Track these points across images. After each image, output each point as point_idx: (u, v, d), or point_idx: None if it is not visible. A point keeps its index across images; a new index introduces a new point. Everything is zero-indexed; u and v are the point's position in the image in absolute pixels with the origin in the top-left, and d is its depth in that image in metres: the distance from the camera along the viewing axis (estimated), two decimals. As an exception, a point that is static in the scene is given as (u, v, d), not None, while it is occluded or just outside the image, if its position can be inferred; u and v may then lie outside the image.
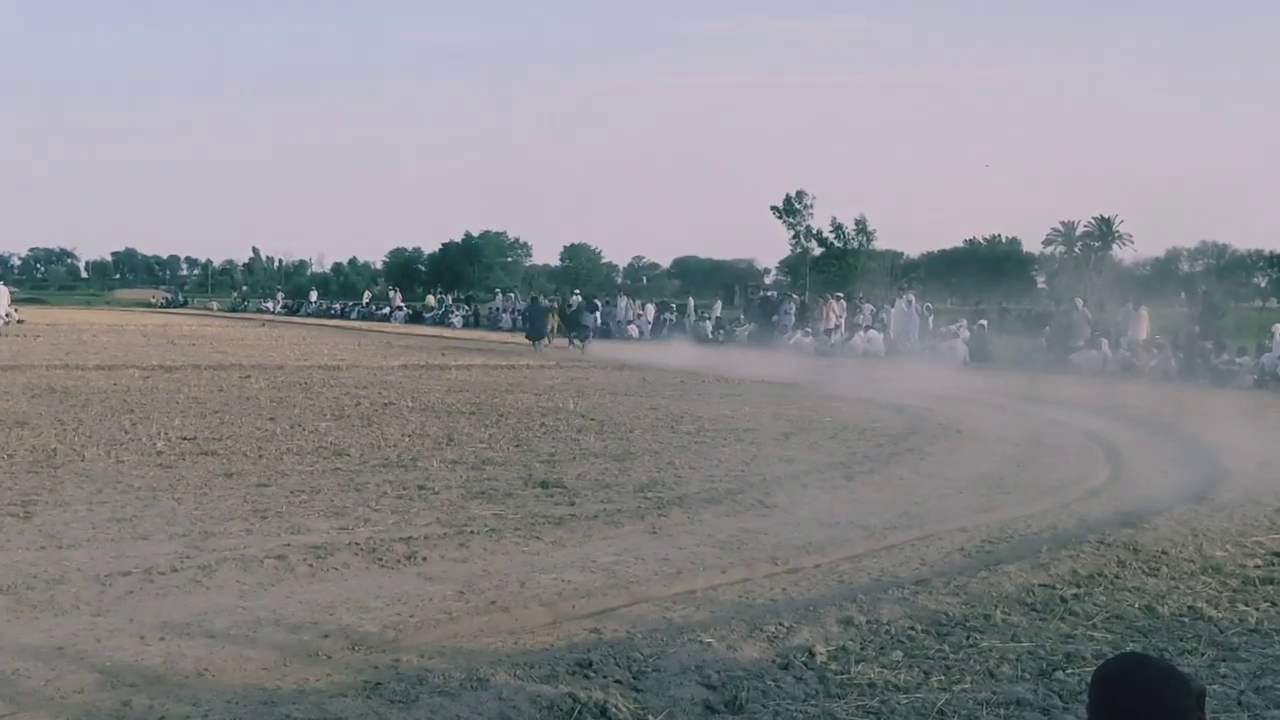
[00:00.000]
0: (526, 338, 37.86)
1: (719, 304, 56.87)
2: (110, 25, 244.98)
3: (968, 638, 6.11)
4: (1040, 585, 7.18)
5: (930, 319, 37.79)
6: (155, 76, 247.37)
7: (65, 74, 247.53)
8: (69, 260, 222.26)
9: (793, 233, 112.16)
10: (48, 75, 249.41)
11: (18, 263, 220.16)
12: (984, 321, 36.02)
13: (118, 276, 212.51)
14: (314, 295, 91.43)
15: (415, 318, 63.34)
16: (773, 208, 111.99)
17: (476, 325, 58.07)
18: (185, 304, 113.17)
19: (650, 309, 48.89)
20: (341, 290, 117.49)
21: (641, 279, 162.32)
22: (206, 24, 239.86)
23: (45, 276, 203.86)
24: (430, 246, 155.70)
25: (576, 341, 36.31)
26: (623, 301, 52.61)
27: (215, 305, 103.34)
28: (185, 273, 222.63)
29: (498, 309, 62.93)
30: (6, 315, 46.56)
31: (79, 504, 8.99)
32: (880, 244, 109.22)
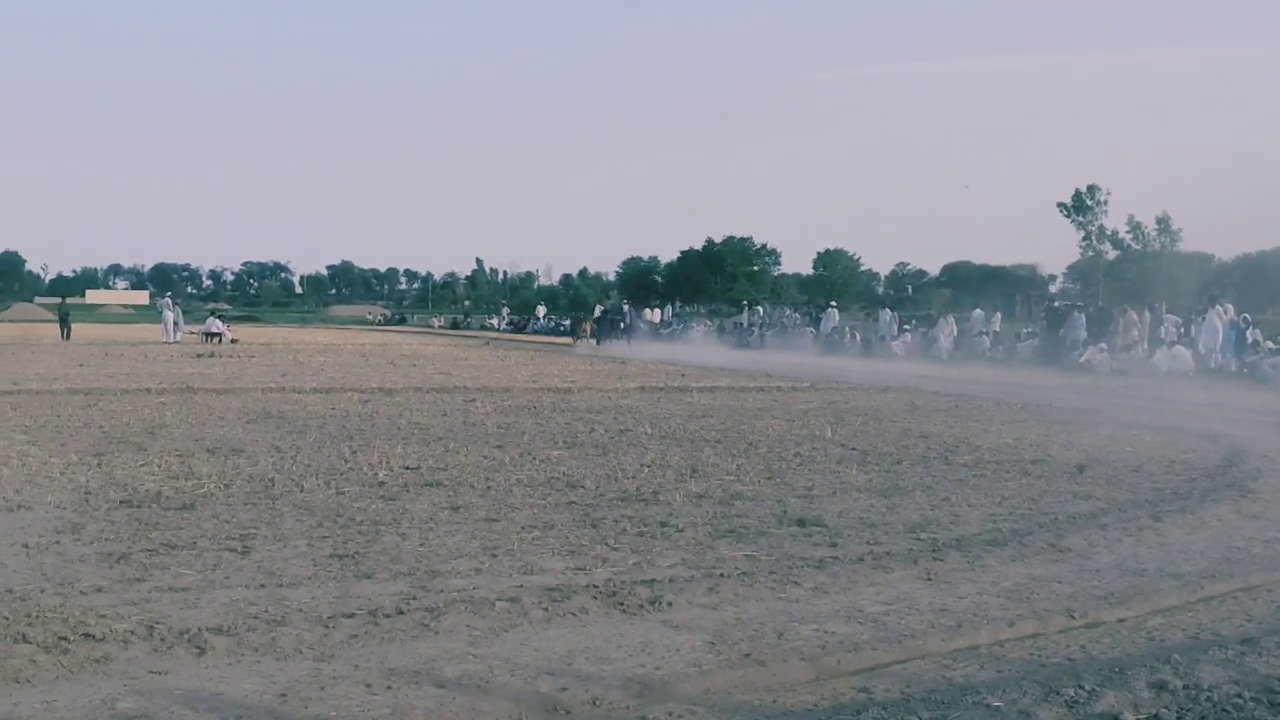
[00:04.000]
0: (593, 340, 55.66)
1: (999, 316, 55.76)
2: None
3: (1308, 709, 5.83)
4: (1397, 649, 6.79)
5: (1249, 332, 36.20)
6: (366, 85, 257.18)
7: (278, 86, 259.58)
8: (283, 274, 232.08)
9: (1083, 233, 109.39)
10: (257, 88, 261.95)
11: (230, 277, 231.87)
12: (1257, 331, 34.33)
13: (333, 291, 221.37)
14: (542, 310, 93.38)
15: (651, 333, 64.07)
16: (1060, 205, 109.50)
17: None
18: (404, 321, 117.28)
19: (950, 324, 47.30)
20: (571, 304, 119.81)
21: (906, 288, 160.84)
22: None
23: (258, 292, 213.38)
24: (668, 255, 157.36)
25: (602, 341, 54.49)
26: (886, 315, 52.08)
27: (437, 322, 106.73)
28: (404, 286, 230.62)
29: (744, 323, 63.14)
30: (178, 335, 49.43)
31: (299, 539, 9.37)
32: (1187, 245, 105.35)
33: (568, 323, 74.64)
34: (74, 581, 7.85)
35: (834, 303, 62.85)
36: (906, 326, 50.81)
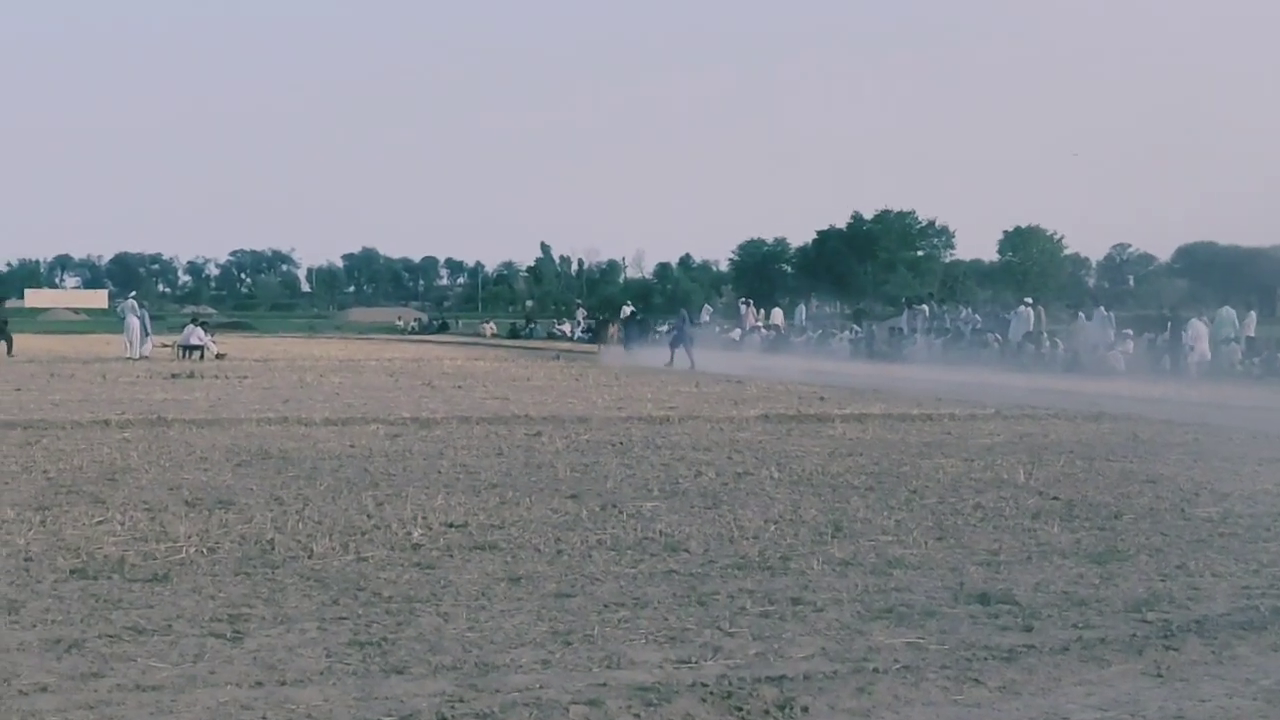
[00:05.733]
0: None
1: (1253, 316, 55.02)
2: None
3: None
4: None
5: None
6: (406, 38, 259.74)
7: (272, 25, 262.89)
8: (284, 267, 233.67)
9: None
10: (245, 29, 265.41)
11: (215, 271, 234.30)
12: None
13: (351, 289, 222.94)
14: (628, 311, 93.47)
15: (778, 341, 64.03)
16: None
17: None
18: (446, 328, 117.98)
19: (1203, 327, 45.60)
20: (669, 303, 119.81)
21: (1126, 279, 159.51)
22: None
23: (252, 291, 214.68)
24: (800, 236, 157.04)
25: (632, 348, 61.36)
26: (1099, 315, 51.51)
27: (489, 329, 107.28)
28: (445, 281, 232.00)
29: (903, 328, 62.86)
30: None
31: (307, 620, 9.43)
32: None
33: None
34: (11, 677, 7.93)
35: (1028, 299, 62.32)
36: (1128, 331, 50.29)
